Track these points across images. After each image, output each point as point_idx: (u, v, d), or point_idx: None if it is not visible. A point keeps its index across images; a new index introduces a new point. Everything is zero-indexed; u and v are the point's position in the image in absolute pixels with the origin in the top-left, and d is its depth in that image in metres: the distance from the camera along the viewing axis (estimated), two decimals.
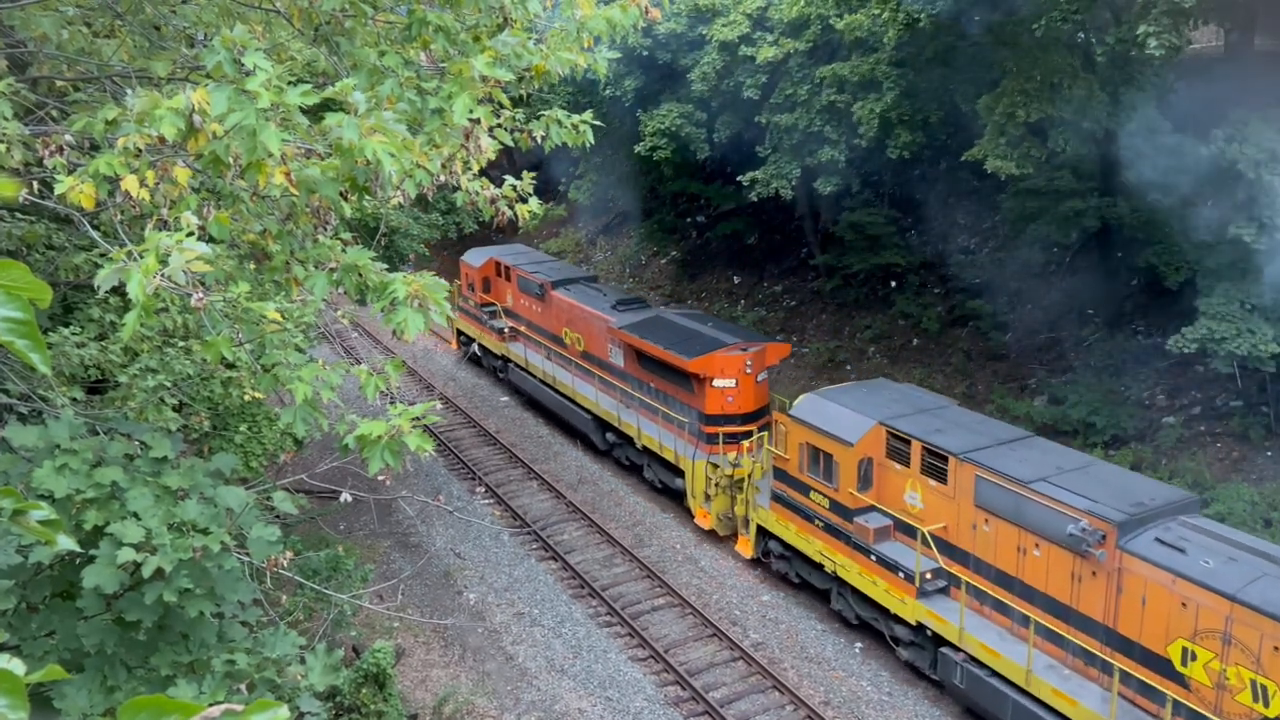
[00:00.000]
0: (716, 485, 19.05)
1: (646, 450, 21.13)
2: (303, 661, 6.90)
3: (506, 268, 27.39)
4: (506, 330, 27.24)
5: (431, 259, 37.26)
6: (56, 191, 4.70)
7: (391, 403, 5.82)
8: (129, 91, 5.27)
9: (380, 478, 5.59)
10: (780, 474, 16.75)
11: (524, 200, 6.46)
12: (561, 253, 37.12)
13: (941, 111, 21.21)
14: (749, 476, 18.10)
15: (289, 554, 6.69)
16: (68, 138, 5.19)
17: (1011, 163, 17.66)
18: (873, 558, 14.77)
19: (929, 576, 14.08)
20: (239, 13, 6.78)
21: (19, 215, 8.25)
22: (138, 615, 5.97)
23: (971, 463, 13.54)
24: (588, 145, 6.52)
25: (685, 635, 16.62)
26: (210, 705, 1.71)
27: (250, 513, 6.57)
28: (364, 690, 12.67)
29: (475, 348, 28.88)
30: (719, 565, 18.79)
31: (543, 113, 6.46)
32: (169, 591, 5.88)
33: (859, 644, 16.08)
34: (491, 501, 21.83)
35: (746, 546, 18.39)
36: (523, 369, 26.39)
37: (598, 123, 6.62)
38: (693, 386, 19.61)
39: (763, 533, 17.69)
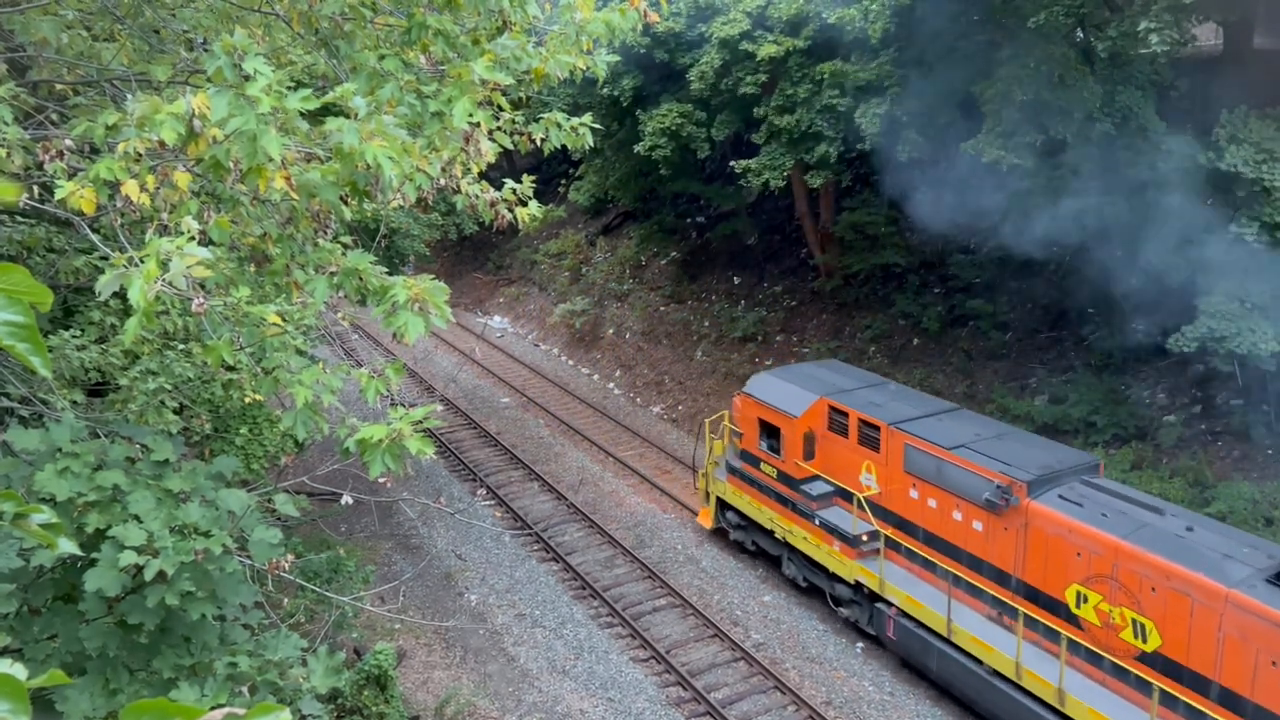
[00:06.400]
0: None
1: None
2: (305, 664, 6.91)
3: (868, 423, 15.38)
4: (865, 539, 15.39)
5: (432, 259, 37.27)
6: (57, 196, 4.70)
7: (392, 405, 5.82)
8: (129, 96, 5.28)
9: (381, 480, 5.59)
10: None
11: (524, 203, 6.46)
12: (561, 254, 36.97)
13: (945, 120, 21.19)
14: None
15: (290, 556, 6.70)
16: (68, 142, 5.19)
17: (1010, 154, 17.57)
18: None
19: None
20: (239, 16, 6.79)
21: (20, 219, 8.27)
22: (139, 618, 5.98)
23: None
24: (586, 146, 6.53)
25: (687, 636, 16.62)
26: (212, 708, 1.72)
27: (252, 515, 6.58)
28: (366, 692, 12.70)
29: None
30: (720, 565, 18.79)
31: (542, 115, 6.47)
32: (171, 594, 5.88)
33: (860, 644, 16.09)
34: (492, 503, 21.84)
35: None
36: (939, 638, 14.10)
37: (596, 125, 6.63)
38: None
39: None
